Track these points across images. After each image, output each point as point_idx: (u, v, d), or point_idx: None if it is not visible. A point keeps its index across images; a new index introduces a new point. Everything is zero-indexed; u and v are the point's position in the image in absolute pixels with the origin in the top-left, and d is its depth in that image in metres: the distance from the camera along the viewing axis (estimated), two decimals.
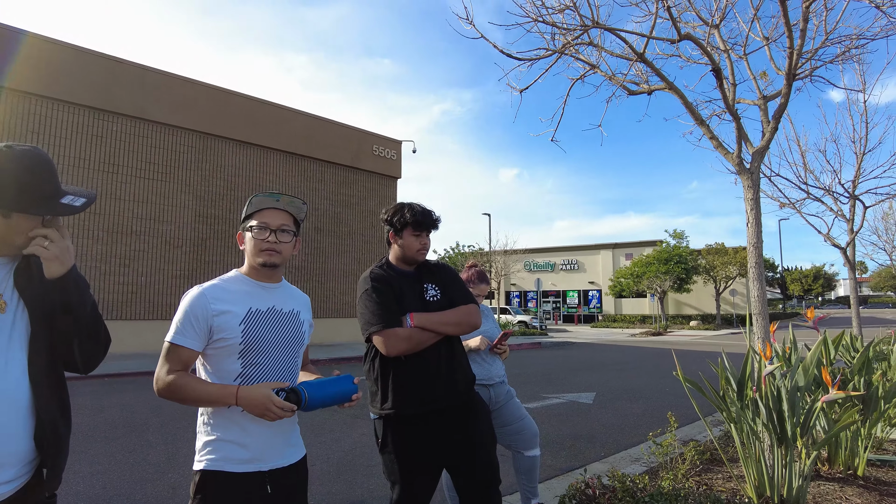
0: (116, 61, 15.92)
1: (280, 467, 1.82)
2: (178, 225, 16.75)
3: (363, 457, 5.34)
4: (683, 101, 4.83)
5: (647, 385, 10.45)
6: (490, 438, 2.50)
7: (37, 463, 1.44)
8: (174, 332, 1.74)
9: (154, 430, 6.37)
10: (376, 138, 22.46)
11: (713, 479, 4.09)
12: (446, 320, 2.39)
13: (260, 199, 1.88)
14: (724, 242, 38.64)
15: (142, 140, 16.22)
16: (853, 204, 9.86)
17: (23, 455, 1.41)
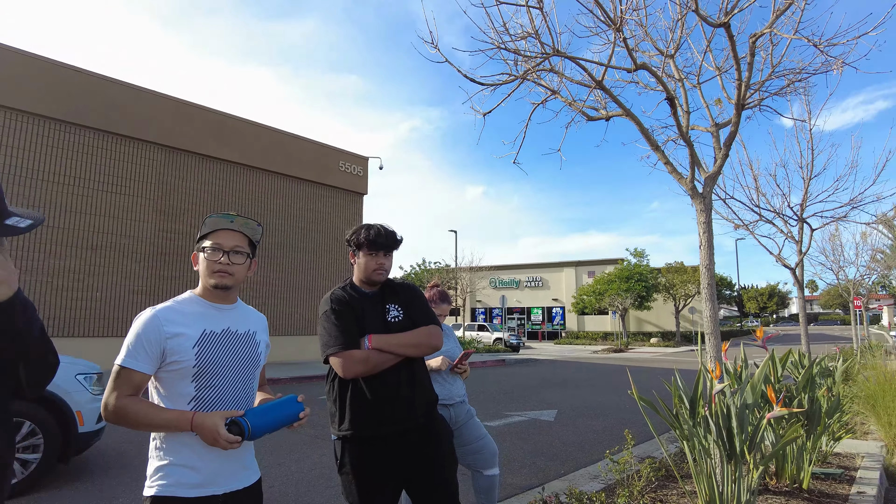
0: (78, 72, 15.55)
1: (234, 491, 1.81)
2: (138, 239, 16.34)
3: (323, 478, 5.28)
4: (640, 127, 5.01)
5: (607, 402, 10.61)
6: (450, 461, 2.52)
7: None
8: (125, 355, 1.71)
9: (102, 455, 6.17)
10: (343, 154, 22.43)
11: (668, 495, 4.19)
12: (405, 342, 2.41)
13: (214, 220, 1.87)
14: (684, 261, 39.70)
15: (103, 153, 15.83)
16: (801, 226, 10.31)
17: None
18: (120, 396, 1.69)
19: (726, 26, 4.29)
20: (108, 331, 15.32)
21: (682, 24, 5.18)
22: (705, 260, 4.70)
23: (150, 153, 16.81)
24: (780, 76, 5.55)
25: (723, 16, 4.37)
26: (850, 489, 4.39)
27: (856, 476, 4.76)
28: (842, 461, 5.34)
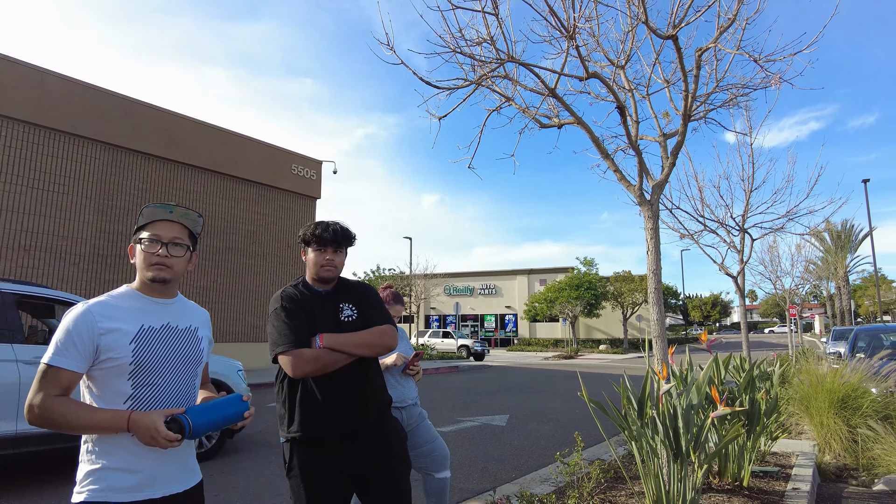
0: (9, 60, 14.76)
1: (174, 494, 1.72)
2: (76, 241, 15.58)
3: (270, 486, 5.13)
4: (590, 135, 5.12)
5: (558, 407, 10.75)
6: (403, 464, 2.47)
7: None
8: (52, 352, 1.60)
9: (27, 466, 5.82)
10: (295, 157, 22.07)
11: (616, 496, 4.26)
12: (358, 341, 2.36)
13: (152, 210, 1.79)
14: (632, 270, 40.83)
15: (36, 148, 15.04)
16: (743, 236, 10.76)
17: None
18: (46, 397, 1.56)
19: (674, 39, 4.44)
20: None
21: (633, 36, 5.33)
22: (652, 265, 4.82)
23: (89, 150, 16.09)
24: (723, 90, 5.78)
25: (671, 28, 4.52)
26: (786, 486, 4.57)
27: (791, 473, 4.96)
28: (778, 460, 5.57)
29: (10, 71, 14.70)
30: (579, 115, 5.19)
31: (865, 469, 5.55)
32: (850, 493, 4.91)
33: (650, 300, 4.77)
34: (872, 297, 53.00)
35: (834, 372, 6.67)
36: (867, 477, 5.42)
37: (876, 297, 43.63)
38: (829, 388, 6.38)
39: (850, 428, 6.05)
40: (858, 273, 43.59)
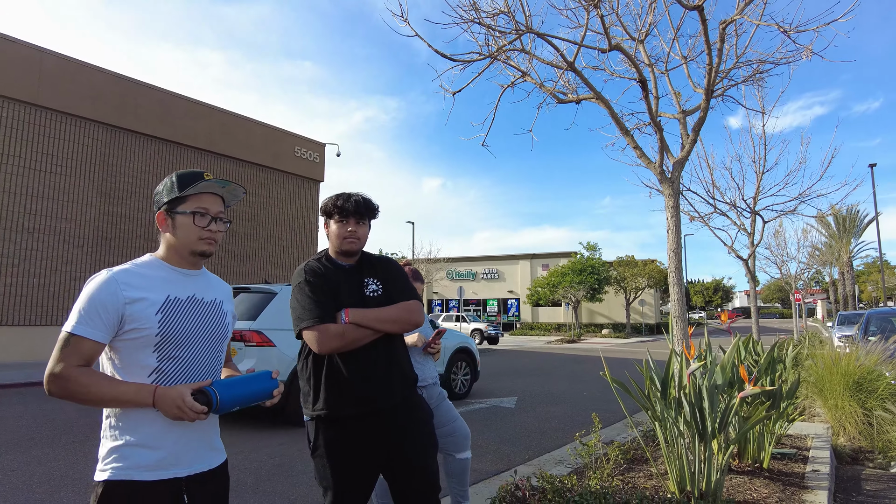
0: (8, 40, 14.56)
1: (199, 473, 1.64)
2: (79, 223, 15.49)
3: (284, 466, 5.08)
4: (610, 111, 4.99)
5: (565, 389, 10.72)
6: (430, 443, 2.39)
7: None
8: (76, 321, 1.50)
9: (43, 445, 5.78)
10: (298, 139, 21.88)
11: (636, 477, 4.20)
12: (384, 317, 2.27)
13: (207, 184, 1.68)
14: (634, 255, 40.71)
15: (37, 129, 14.89)
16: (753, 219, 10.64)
17: None
18: (67, 367, 1.47)
19: (699, 9, 4.30)
20: (46, 319, 14.50)
21: (653, 10, 5.17)
22: (673, 244, 4.72)
23: (91, 132, 15.94)
24: (744, 65, 5.63)
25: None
26: (805, 468, 4.51)
27: (809, 455, 4.91)
28: (794, 442, 5.51)
29: (9, 50, 14.51)
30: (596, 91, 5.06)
31: (881, 452, 5.50)
32: (869, 475, 4.85)
33: (670, 280, 4.67)
34: (875, 283, 52.94)
35: (848, 355, 6.60)
36: (883, 460, 5.36)
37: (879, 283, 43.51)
38: (843, 371, 6.30)
39: (865, 411, 5.98)
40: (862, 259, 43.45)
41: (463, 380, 9.49)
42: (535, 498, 3.39)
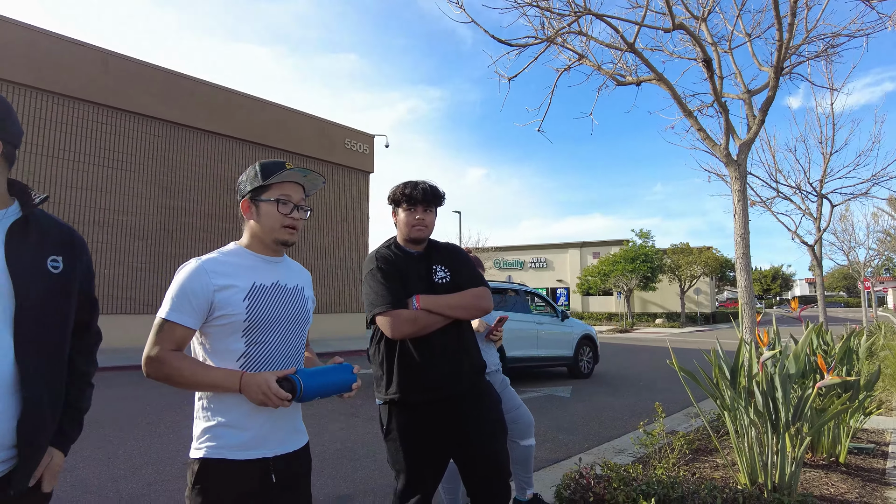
0: (77, 44, 15.28)
1: (284, 454, 1.69)
2: (141, 216, 16.18)
3: (347, 450, 5.21)
4: (672, 92, 4.84)
5: (620, 380, 10.55)
6: (499, 428, 2.40)
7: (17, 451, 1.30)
8: (169, 307, 1.58)
9: (121, 425, 6.10)
10: (348, 132, 22.16)
11: (702, 467, 4.10)
12: (454, 303, 2.29)
13: (290, 172, 1.72)
14: (689, 243, 39.54)
15: (103, 128, 15.60)
16: (820, 202, 10.14)
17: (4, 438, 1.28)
18: (162, 350, 1.56)
19: None
20: (115, 308, 15.25)
21: None
22: (740, 229, 4.55)
23: (151, 128, 16.58)
24: (815, 40, 5.36)
25: None
26: (885, 463, 4.30)
27: (889, 451, 4.67)
28: (871, 437, 5.25)
29: (77, 53, 15.22)
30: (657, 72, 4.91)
31: None
32: None
33: (738, 266, 4.51)
34: None
35: None
36: None
37: None
38: None
39: None
40: None
41: (587, 362, 11.00)
42: (600, 486, 3.36)
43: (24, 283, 1.31)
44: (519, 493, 3.41)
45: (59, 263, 1.42)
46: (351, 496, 4.03)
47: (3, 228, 1.33)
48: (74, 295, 1.46)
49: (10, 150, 1.38)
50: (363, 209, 22.70)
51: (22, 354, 1.29)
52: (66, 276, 1.43)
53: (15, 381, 1.28)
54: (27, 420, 1.29)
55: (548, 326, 10.25)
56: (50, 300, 1.37)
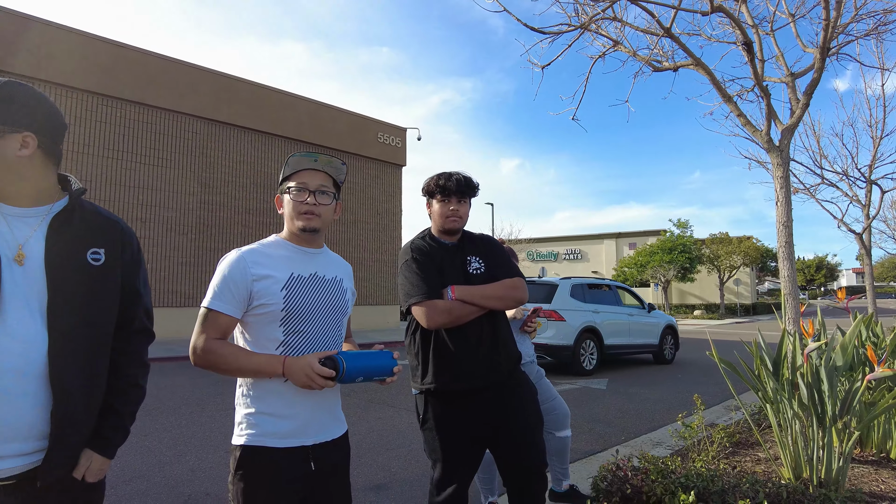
0: (118, 46, 15.73)
1: (324, 442, 1.72)
2: (182, 212, 16.62)
3: (381, 440, 5.28)
4: (711, 77, 4.71)
5: (658, 372, 10.39)
6: (535, 419, 2.39)
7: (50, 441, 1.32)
8: (211, 296, 1.63)
9: (166, 414, 6.31)
10: (381, 125, 22.28)
11: (742, 461, 4.01)
12: (489, 293, 2.29)
13: (297, 160, 1.76)
14: (728, 232, 38.57)
15: (145, 126, 16.05)
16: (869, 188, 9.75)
17: (38, 428, 1.30)
18: (208, 339, 1.61)
19: None
20: (157, 301, 15.73)
21: None
22: (783, 217, 4.42)
23: (190, 126, 16.97)
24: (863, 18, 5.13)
25: None
26: None
27: None
28: None
29: (119, 55, 15.66)
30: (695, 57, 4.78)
31: None
32: None
33: (780, 255, 4.38)
34: None
35: None
36: None
37: None
38: None
39: None
40: None
41: (670, 349, 11.92)
42: (638, 478, 3.31)
43: (60, 275, 1.34)
44: (555, 484, 3.40)
45: (101, 256, 1.43)
46: (387, 485, 4.09)
47: (47, 221, 1.37)
48: (116, 288, 1.47)
49: (47, 143, 1.38)
50: (396, 202, 22.82)
51: (56, 347, 1.31)
52: (107, 268, 1.44)
53: (48, 373, 1.29)
54: (59, 412, 1.30)
55: (637, 318, 11.22)
56: (87, 293, 1.38)
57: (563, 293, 10.06)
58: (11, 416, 1.24)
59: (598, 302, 10.65)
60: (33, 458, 1.29)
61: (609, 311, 10.69)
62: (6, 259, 1.27)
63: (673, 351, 12.04)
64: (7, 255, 1.28)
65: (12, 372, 1.24)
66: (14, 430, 1.25)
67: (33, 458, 1.29)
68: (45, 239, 1.35)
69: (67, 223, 1.39)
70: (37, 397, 1.28)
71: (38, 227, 1.35)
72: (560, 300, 9.93)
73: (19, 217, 1.34)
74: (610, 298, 11.15)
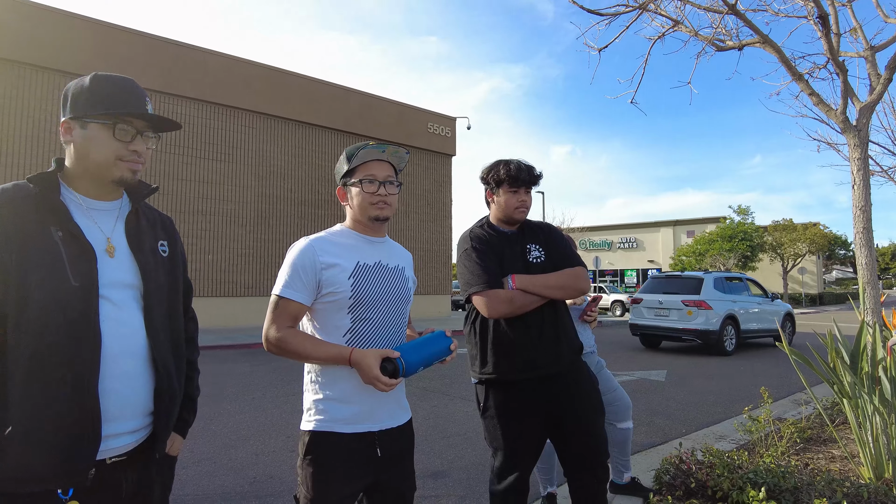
0: (178, 45, 16.30)
1: (389, 429, 1.74)
2: (240, 204, 17.15)
3: (438, 428, 5.32)
4: (780, 55, 4.47)
5: (719, 364, 10.05)
6: (597, 410, 2.35)
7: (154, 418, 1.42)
8: (282, 285, 1.67)
9: (229, 400, 6.55)
10: (431, 115, 22.31)
11: (815, 458, 3.83)
12: (551, 283, 2.25)
13: (366, 152, 1.77)
14: (793, 218, 36.80)
15: (204, 122, 16.62)
16: None
17: (144, 406, 1.39)
18: (280, 327, 1.65)
19: None
20: (218, 291, 16.33)
21: None
22: (860, 201, 4.16)
23: (247, 121, 17.45)
24: None
25: None
26: None
27: None
28: None
29: (181, 55, 16.24)
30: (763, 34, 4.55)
31: None
32: None
33: (857, 242, 4.13)
34: None
35: None
36: None
37: None
38: None
39: None
40: None
41: (788, 334, 12.82)
42: (703, 472, 3.22)
43: (145, 264, 1.42)
44: (616, 476, 3.33)
45: (166, 248, 1.52)
46: (445, 472, 4.12)
47: (123, 217, 1.43)
48: (180, 277, 1.57)
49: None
50: (446, 192, 22.86)
51: (152, 330, 1.39)
52: (172, 259, 1.53)
53: (150, 356, 1.38)
54: (160, 390, 1.40)
55: (764, 306, 12.54)
56: (164, 281, 1.47)
57: (708, 286, 11.45)
58: (132, 396, 1.34)
59: (734, 293, 11.98)
60: (140, 434, 1.39)
61: (743, 300, 12.03)
62: (99, 251, 1.34)
63: (790, 336, 12.86)
64: (100, 249, 1.34)
65: (128, 356, 1.33)
66: (133, 408, 1.35)
67: (140, 435, 1.39)
68: (125, 231, 1.42)
69: (137, 217, 1.46)
70: (144, 377, 1.37)
71: (117, 221, 1.42)
72: (707, 292, 11.33)
73: (101, 211, 1.40)
74: (743, 289, 12.46)
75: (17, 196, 1.28)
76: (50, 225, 1.28)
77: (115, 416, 1.31)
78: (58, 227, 1.28)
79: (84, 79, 1.38)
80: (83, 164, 1.36)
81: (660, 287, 12.19)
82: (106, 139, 1.34)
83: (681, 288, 11.66)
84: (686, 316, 11.16)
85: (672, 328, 11.43)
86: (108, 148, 1.34)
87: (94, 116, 1.33)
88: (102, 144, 1.34)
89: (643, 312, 12.03)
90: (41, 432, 1.21)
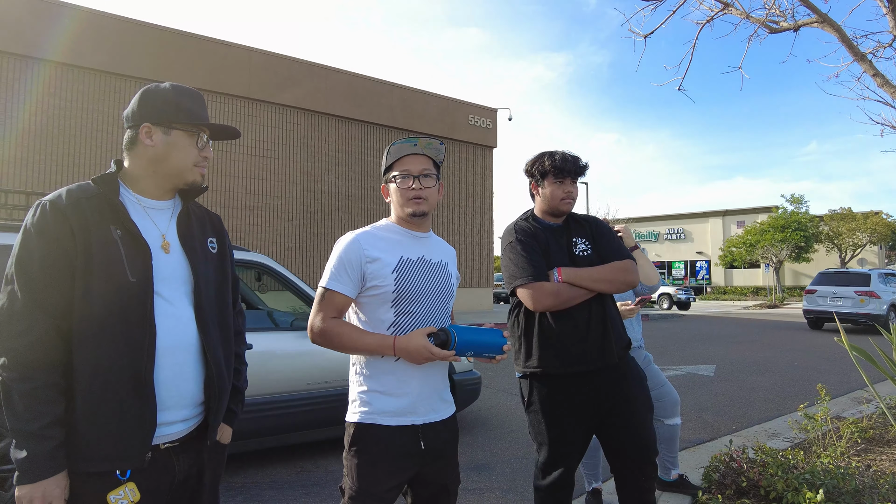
0: (224, 44, 16.71)
1: (433, 422, 1.75)
2: (287, 199, 17.51)
3: (480, 422, 5.33)
4: (840, 34, 4.26)
5: (771, 358, 9.71)
6: (645, 405, 2.30)
7: (205, 408, 1.49)
8: (328, 277, 1.71)
9: None
10: (471, 107, 22.22)
11: (877, 460, 3.66)
12: (598, 276, 2.21)
13: (398, 147, 1.79)
14: (851, 207, 35.10)
15: (250, 119, 17.00)
16: None
17: (195, 397, 1.46)
18: (325, 318, 1.69)
19: None
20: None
21: None
22: None
23: (291, 117, 17.76)
24: None
25: None
26: None
27: None
28: None
29: (226, 53, 16.65)
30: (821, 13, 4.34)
31: None
32: None
33: None
34: None
35: None
36: None
37: None
38: None
39: None
40: None
41: None
42: (755, 471, 3.12)
43: (196, 261, 1.48)
44: (663, 472, 3.26)
45: (215, 244, 1.59)
46: (488, 465, 4.12)
47: (175, 216, 1.50)
48: (229, 273, 1.62)
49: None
50: (487, 185, 22.76)
51: (203, 325, 1.46)
52: (221, 255, 1.60)
53: (199, 349, 1.45)
54: (211, 381, 1.47)
55: None
56: (214, 277, 1.54)
57: (875, 279, 14.23)
58: (185, 386, 1.43)
59: (893, 285, 14.49)
60: (192, 422, 1.47)
61: None
62: (155, 249, 1.41)
63: None
64: (156, 246, 1.42)
65: (181, 349, 1.42)
66: (186, 398, 1.43)
67: (192, 423, 1.47)
68: (177, 229, 1.49)
69: (188, 215, 1.53)
70: (196, 369, 1.45)
71: (171, 219, 1.49)
72: (874, 285, 14.14)
73: (157, 209, 1.48)
74: None
75: (82, 197, 1.36)
76: (110, 224, 1.36)
77: (169, 406, 1.39)
78: (117, 225, 1.36)
79: (163, 86, 1.47)
80: (158, 166, 1.45)
81: (830, 280, 14.89)
82: (188, 146, 1.46)
83: (850, 281, 14.48)
84: (858, 303, 13.99)
85: (846, 313, 13.97)
86: (188, 154, 1.46)
87: (179, 125, 1.44)
88: (184, 151, 1.45)
89: (818, 301, 14.71)
90: (104, 417, 1.30)
